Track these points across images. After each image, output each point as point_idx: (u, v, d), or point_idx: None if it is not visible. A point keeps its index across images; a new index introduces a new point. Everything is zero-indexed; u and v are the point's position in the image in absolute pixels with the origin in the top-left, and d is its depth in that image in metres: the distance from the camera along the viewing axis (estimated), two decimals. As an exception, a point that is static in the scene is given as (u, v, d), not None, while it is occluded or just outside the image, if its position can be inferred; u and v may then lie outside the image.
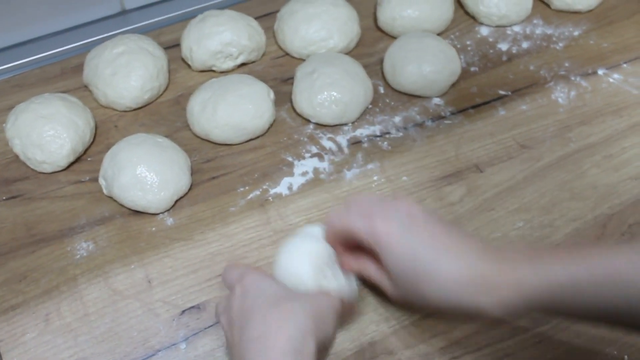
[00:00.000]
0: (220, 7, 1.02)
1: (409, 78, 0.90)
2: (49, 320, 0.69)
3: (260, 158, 0.84)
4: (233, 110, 0.83)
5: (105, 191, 0.79)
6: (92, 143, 0.86)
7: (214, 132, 0.84)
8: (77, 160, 0.84)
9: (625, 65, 0.97)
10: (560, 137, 0.87)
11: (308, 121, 0.88)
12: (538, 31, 1.02)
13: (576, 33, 1.02)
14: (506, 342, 0.68)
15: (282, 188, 0.81)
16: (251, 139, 0.86)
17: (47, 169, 0.82)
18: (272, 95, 0.87)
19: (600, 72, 0.96)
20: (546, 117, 0.90)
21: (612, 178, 0.83)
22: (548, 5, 1.06)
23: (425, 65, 0.89)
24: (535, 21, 1.04)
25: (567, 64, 0.97)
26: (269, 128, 0.87)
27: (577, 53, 0.99)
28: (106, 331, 0.68)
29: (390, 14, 0.98)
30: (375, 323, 0.69)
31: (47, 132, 0.80)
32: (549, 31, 1.02)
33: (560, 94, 0.93)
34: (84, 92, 0.92)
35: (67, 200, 0.80)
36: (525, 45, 1.00)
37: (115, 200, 0.79)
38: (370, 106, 0.90)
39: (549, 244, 0.76)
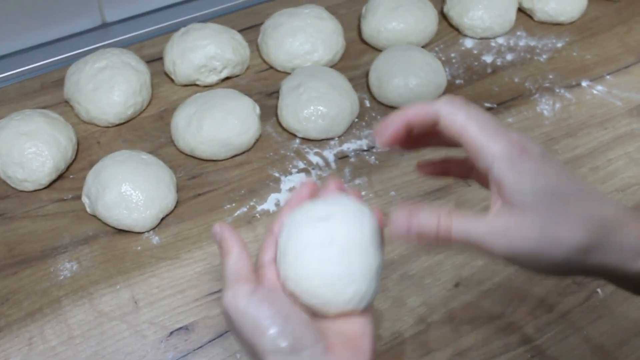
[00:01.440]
0: (203, 19, 1.01)
1: (395, 91, 0.89)
2: (33, 344, 0.67)
3: (247, 174, 0.83)
4: (219, 126, 0.82)
5: (88, 210, 0.77)
6: (74, 160, 0.84)
7: (200, 148, 0.82)
8: (59, 177, 0.82)
9: (608, 77, 0.98)
10: (546, 149, 0.87)
11: (294, 136, 0.87)
12: (522, 43, 1.02)
13: (559, 45, 1.02)
14: (498, 358, 0.68)
15: (269, 204, 0.80)
16: (237, 155, 0.85)
17: (29, 187, 0.80)
18: (257, 110, 0.86)
19: (584, 83, 0.96)
20: (532, 130, 0.90)
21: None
22: (531, 17, 1.07)
23: (411, 78, 0.89)
24: (518, 33, 1.04)
25: (551, 76, 0.97)
26: (254, 143, 0.86)
27: (560, 65, 0.99)
28: (92, 355, 0.67)
29: (375, 27, 0.98)
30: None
31: (29, 150, 0.78)
32: (533, 43, 1.02)
33: (546, 106, 0.93)
34: (64, 107, 0.90)
35: (50, 219, 0.78)
36: (509, 57, 1.00)
37: (99, 219, 0.77)
38: (356, 120, 0.90)
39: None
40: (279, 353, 0.44)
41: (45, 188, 0.81)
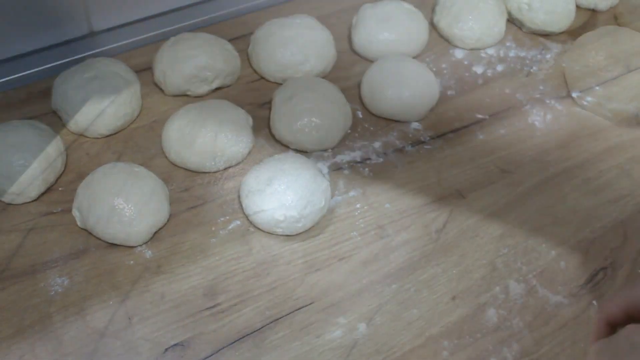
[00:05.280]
0: (191, 29, 1.00)
1: (388, 103, 0.89)
2: (24, 363, 0.66)
3: (240, 186, 0.82)
4: (212, 138, 0.81)
5: (79, 223, 0.76)
6: (62, 172, 0.82)
7: (192, 160, 0.81)
8: (48, 190, 0.80)
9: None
10: (539, 161, 0.88)
11: (287, 147, 0.87)
12: (511, 54, 1.03)
13: (548, 56, 1.03)
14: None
15: (263, 217, 0.79)
16: (230, 167, 0.84)
17: (17, 200, 0.78)
18: (250, 121, 0.85)
19: (574, 95, 0.97)
20: (524, 141, 0.90)
21: (592, 202, 0.84)
22: (519, 28, 1.07)
23: (404, 89, 0.89)
24: (508, 44, 1.04)
25: (541, 87, 0.97)
26: (247, 155, 0.85)
27: (550, 76, 1.00)
28: (85, 373, 0.65)
29: (366, 37, 0.98)
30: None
31: (17, 162, 0.77)
32: (522, 54, 1.03)
33: (537, 118, 0.93)
34: (52, 117, 0.88)
35: (39, 233, 0.76)
36: (499, 68, 1.00)
37: (90, 233, 0.75)
38: (349, 131, 0.89)
39: (534, 269, 0.76)
40: None
41: (34, 201, 0.79)
